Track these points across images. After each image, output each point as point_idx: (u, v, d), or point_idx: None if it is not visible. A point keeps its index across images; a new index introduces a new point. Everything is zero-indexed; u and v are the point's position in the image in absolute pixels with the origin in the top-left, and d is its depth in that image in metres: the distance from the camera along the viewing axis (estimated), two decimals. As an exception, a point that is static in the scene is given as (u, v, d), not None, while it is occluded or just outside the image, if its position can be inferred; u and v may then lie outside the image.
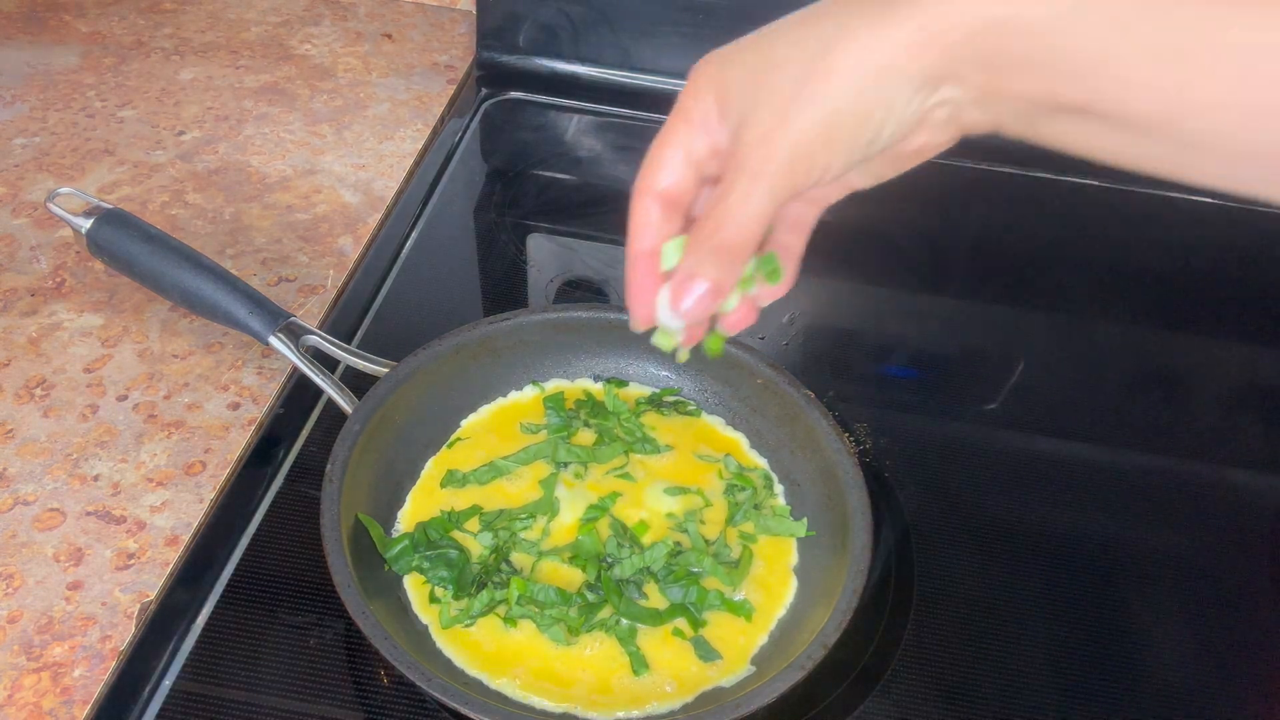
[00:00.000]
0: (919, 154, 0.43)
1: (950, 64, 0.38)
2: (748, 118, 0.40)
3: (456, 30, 1.11)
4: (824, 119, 0.39)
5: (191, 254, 0.65)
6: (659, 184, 0.43)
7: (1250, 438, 0.74)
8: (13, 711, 0.51)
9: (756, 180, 0.40)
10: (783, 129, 0.39)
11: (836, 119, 0.39)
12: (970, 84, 0.39)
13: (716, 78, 0.41)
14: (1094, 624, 0.60)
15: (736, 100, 0.41)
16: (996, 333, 0.82)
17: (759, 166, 0.40)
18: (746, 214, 0.40)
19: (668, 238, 0.44)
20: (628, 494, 0.62)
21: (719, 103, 0.41)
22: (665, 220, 0.44)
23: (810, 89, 0.38)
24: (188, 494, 0.62)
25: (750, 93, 0.40)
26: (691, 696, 0.52)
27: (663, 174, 0.43)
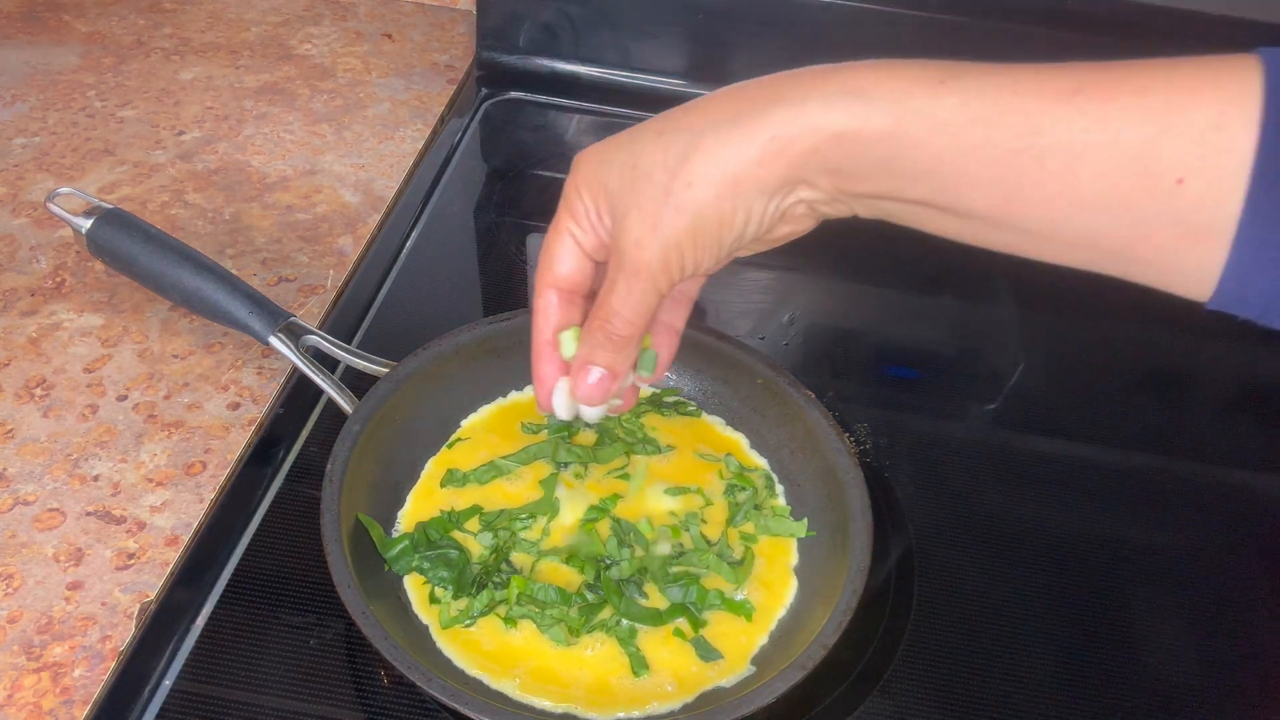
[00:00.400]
0: (785, 239, 0.47)
1: (799, 171, 0.42)
2: (623, 222, 0.44)
3: (456, 30, 1.11)
4: (688, 225, 0.43)
5: (191, 254, 0.65)
6: (555, 275, 0.48)
7: (1250, 438, 0.74)
8: (13, 711, 0.51)
9: (635, 279, 0.45)
10: (654, 235, 0.43)
11: (700, 224, 0.43)
12: (820, 186, 0.43)
13: (594, 179, 0.45)
14: (1094, 624, 0.60)
15: (612, 203, 0.45)
16: (996, 333, 0.82)
17: (635, 268, 0.44)
18: (630, 308, 0.46)
19: (567, 325, 0.49)
20: (628, 494, 0.61)
21: (597, 203, 0.46)
22: (566, 307, 0.49)
23: (674, 199, 0.42)
24: (188, 494, 0.62)
25: (623, 198, 0.44)
26: (692, 696, 0.52)
27: (558, 266, 0.48)
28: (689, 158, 0.42)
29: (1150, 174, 0.37)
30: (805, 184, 0.42)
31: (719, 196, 0.42)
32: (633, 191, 0.44)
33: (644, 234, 0.43)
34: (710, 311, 0.79)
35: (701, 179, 0.42)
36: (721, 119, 0.42)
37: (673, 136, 0.43)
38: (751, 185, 0.42)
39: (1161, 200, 0.37)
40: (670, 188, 0.42)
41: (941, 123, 0.39)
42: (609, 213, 0.45)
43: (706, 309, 0.80)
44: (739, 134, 0.41)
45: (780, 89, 0.42)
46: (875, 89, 0.40)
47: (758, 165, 0.41)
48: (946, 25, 0.91)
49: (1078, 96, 0.37)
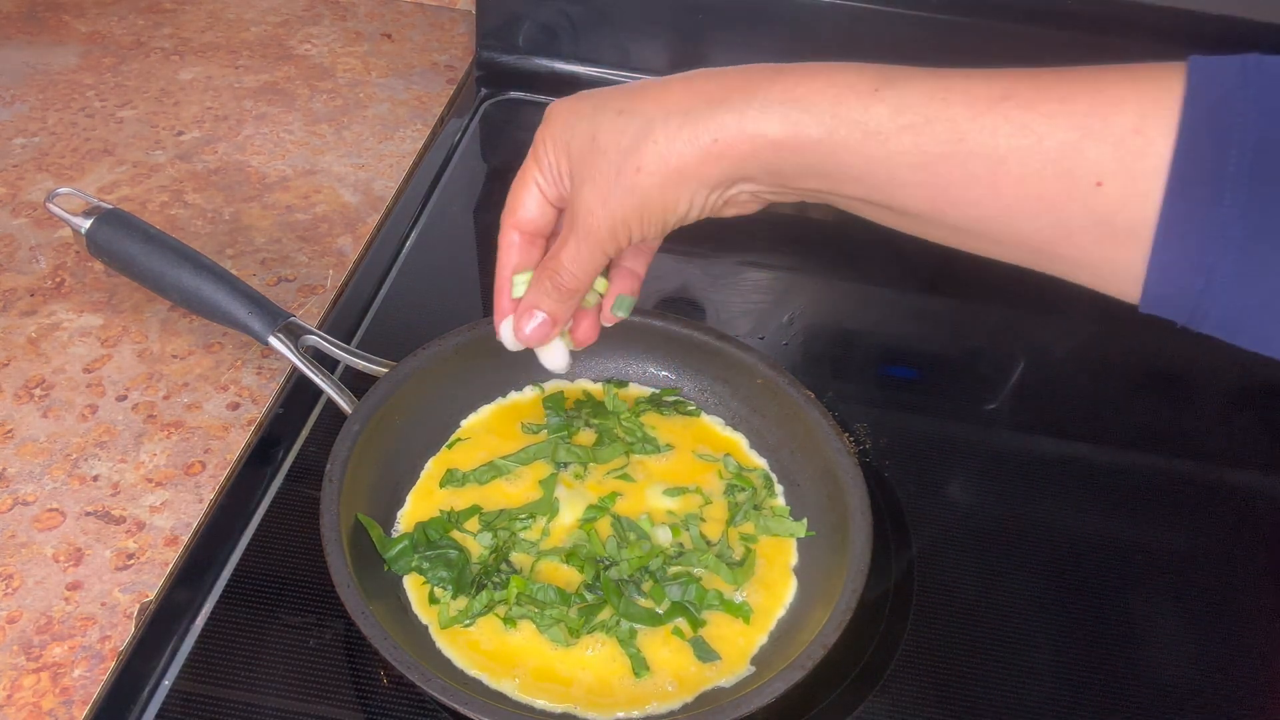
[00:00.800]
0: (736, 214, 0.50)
1: (739, 169, 0.45)
2: (579, 189, 0.48)
3: (456, 30, 1.11)
4: (635, 204, 0.47)
5: (191, 254, 0.65)
6: (518, 218, 0.52)
7: (1250, 438, 0.74)
8: (12, 712, 0.51)
9: (584, 242, 0.49)
10: (604, 207, 0.47)
11: (645, 203, 0.46)
12: (762, 181, 0.46)
13: (560, 138, 0.49)
14: (1094, 624, 0.60)
15: (572, 166, 0.49)
16: (996, 333, 0.82)
17: (586, 232, 0.48)
18: (578, 265, 0.50)
19: (527, 265, 0.53)
20: (628, 494, 0.62)
21: (559, 161, 0.49)
22: (527, 247, 0.53)
23: (624, 179, 0.46)
24: (187, 494, 0.62)
25: (581, 167, 0.48)
26: (691, 697, 0.52)
27: (521, 210, 0.52)
28: (640, 145, 0.45)
29: (1071, 177, 0.38)
30: (746, 179, 0.46)
31: (664, 184, 0.45)
32: (589, 164, 0.47)
33: (595, 204, 0.47)
34: (710, 311, 0.79)
35: (649, 167, 0.45)
36: (674, 110, 0.45)
37: (629, 119, 0.46)
38: (694, 178, 0.45)
39: (1081, 202, 0.38)
40: (622, 168, 0.46)
41: (872, 130, 0.41)
42: (569, 174, 0.49)
43: (706, 309, 0.80)
44: (687, 130, 0.44)
45: (728, 90, 0.44)
46: (811, 97, 0.43)
47: (700, 163, 0.45)
48: (946, 25, 0.91)
49: (1004, 103, 0.39)
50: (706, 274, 0.82)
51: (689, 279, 0.81)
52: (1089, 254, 0.40)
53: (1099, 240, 0.39)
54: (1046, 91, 0.39)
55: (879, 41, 0.94)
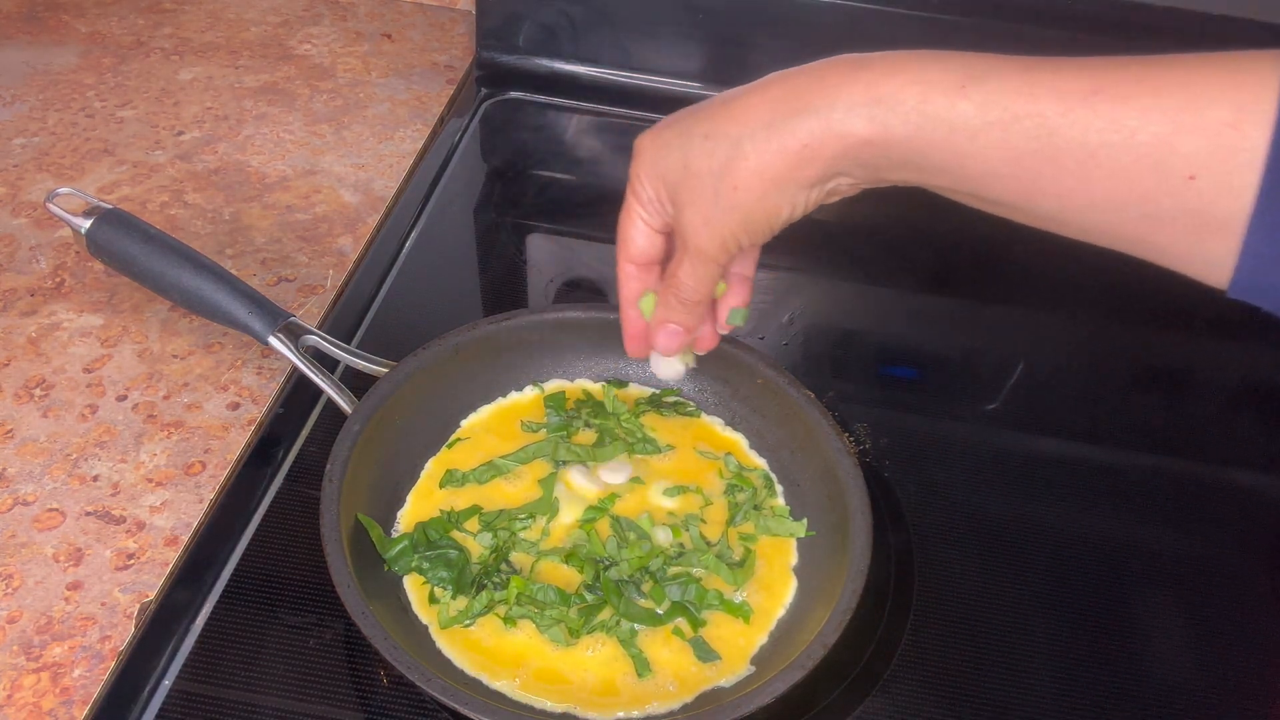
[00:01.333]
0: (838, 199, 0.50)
1: (833, 167, 0.46)
2: (682, 214, 0.50)
3: (456, 30, 1.11)
4: (739, 219, 0.49)
5: (191, 254, 0.65)
6: (630, 252, 0.55)
7: (1250, 438, 0.74)
8: (12, 712, 0.51)
9: (697, 259, 0.51)
10: (709, 227, 0.49)
11: (749, 217, 0.48)
12: (857, 175, 0.47)
13: (654, 170, 0.51)
14: (1094, 624, 0.60)
15: (671, 194, 0.51)
16: (996, 333, 0.82)
17: (697, 250, 0.51)
18: (696, 279, 0.52)
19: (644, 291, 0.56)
20: (628, 494, 0.62)
21: (658, 191, 0.51)
22: (643, 275, 0.56)
23: (724, 200, 0.48)
24: (187, 494, 0.62)
25: (679, 193, 0.50)
26: (691, 697, 0.52)
27: (631, 245, 0.54)
28: (733, 164, 0.47)
29: (1163, 171, 0.38)
30: (841, 175, 0.47)
31: (763, 195, 0.47)
32: (687, 189, 0.49)
33: (700, 225, 0.49)
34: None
35: (745, 183, 0.47)
36: (758, 125, 0.46)
37: (716, 143, 0.48)
38: (791, 183, 0.47)
39: (1173, 196, 0.38)
40: (719, 190, 0.48)
41: (959, 127, 0.42)
42: (670, 200, 0.51)
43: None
44: (775, 142, 0.46)
45: (808, 94, 0.45)
46: (896, 95, 0.43)
47: (794, 168, 0.46)
48: (946, 25, 0.91)
49: (1094, 97, 0.39)
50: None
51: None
52: (1178, 244, 0.40)
53: (1189, 231, 0.39)
54: (1138, 84, 0.39)
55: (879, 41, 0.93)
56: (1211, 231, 0.38)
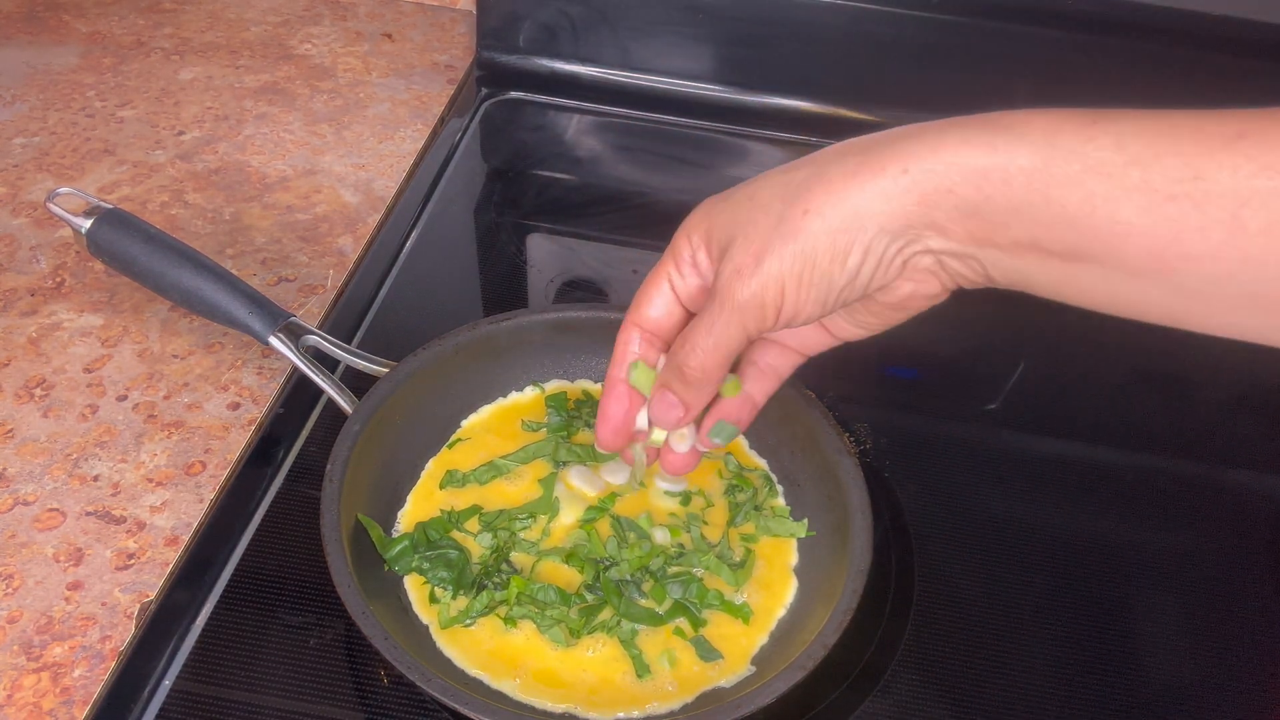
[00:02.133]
0: (906, 305, 0.44)
1: (930, 211, 0.38)
2: (727, 252, 0.41)
3: (456, 30, 1.11)
4: (796, 254, 0.40)
5: (191, 254, 0.65)
6: (641, 315, 0.46)
7: (1250, 438, 0.74)
8: (12, 712, 0.51)
9: (723, 310, 0.41)
10: (756, 264, 0.40)
11: (809, 254, 0.40)
12: (953, 233, 0.39)
13: (705, 220, 0.43)
14: (1094, 624, 0.60)
15: (721, 239, 0.42)
16: (996, 333, 0.82)
17: (727, 297, 0.41)
18: (712, 341, 0.42)
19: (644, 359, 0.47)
20: (628, 494, 0.61)
21: (704, 244, 0.43)
22: (645, 348, 0.47)
23: (787, 225, 0.39)
24: (188, 494, 0.62)
25: (733, 229, 0.41)
26: (691, 697, 0.52)
27: (648, 308, 0.46)
28: (810, 187, 0.40)
29: None
30: (935, 229, 0.39)
31: (836, 228, 0.39)
32: (746, 221, 0.41)
33: (746, 261, 0.41)
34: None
35: (820, 207, 0.39)
36: (850, 152, 0.40)
37: (796, 170, 0.41)
38: (874, 220, 0.39)
39: None
40: (785, 215, 0.40)
41: (1094, 163, 0.36)
42: (717, 253, 0.43)
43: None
44: (868, 165, 0.39)
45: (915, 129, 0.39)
46: (1021, 126, 0.38)
47: (884, 199, 0.39)
48: (946, 25, 0.91)
49: (1241, 141, 0.35)
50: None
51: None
52: None
53: None
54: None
55: (879, 42, 0.94)
56: None
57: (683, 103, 0.99)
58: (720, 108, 0.99)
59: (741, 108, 0.99)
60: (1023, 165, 0.37)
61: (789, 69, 0.97)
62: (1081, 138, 0.36)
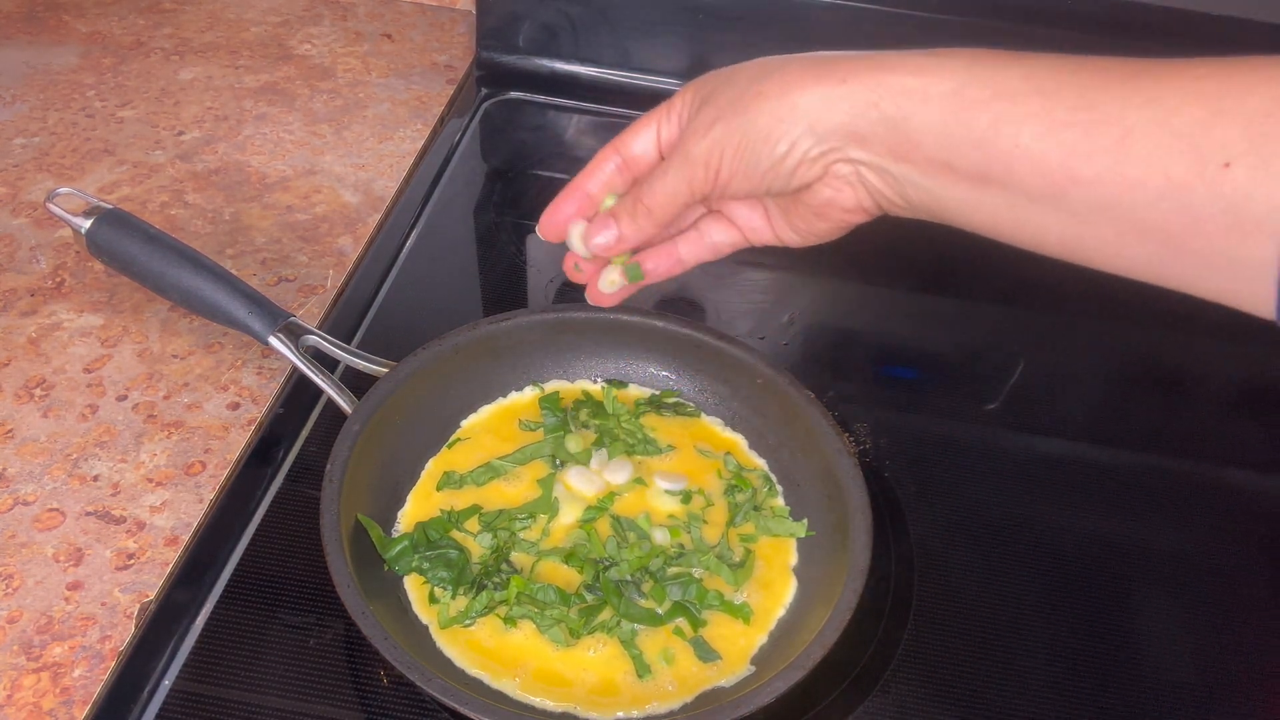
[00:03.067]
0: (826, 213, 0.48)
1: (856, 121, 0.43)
2: (695, 116, 0.48)
3: (456, 30, 1.11)
4: (738, 126, 0.45)
5: (191, 254, 0.65)
6: (624, 144, 0.51)
7: (1250, 438, 0.74)
8: (12, 712, 0.51)
9: (676, 161, 0.48)
10: (708, 128, 0.46)
11: (748, 128, 0.45)
12: (874, 145, 0.44)
13: (700, 85, 0.49)
14: (1094, 624, 0.60)
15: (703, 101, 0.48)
16: (996, 333, 0.82)
17: (682, 154, 0.47)
18: (663, 188, 0.49)
19: (611, 189, 0.52)
20: (628, 494, 0.62)
21: (691, 105, 0.49)
22: (617, 174, 0.52)
23: (741, 103, 0.45)
24: (188, 494, 0.62)
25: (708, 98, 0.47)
26: (691, 697, 0.52)
27: (630, 139, 0.51)
28: (771, 75, 0.45)
29: (1198, 155, 0.37)
30: (857, 139, 0.44)
31: (775, 115, 0.44)
32: (717, 93, 0.47)
33: (702, 124, 0.47)
34: (710, 311, 0.79)
35: (770, 92, 0.45)
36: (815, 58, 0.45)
37: (772, 60, 0.46)
38: (806, 117, 0.44)
39: (1208, 184, 0.37)
40: (745, 92, 0.45)
41: (1003, 90, 0.40)
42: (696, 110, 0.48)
43: (706, 309, 0.80)
44: (818, 69, 0.44)
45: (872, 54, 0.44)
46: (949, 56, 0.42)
47: (820, 101, 0.43)
48: (947, 25, 0.91)
49: (1135, 78, 0.38)
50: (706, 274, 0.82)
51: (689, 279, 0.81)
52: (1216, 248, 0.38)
53: (1227, 230, 0.37)
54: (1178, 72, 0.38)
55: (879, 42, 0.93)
56: (1248, 232, 0.36)
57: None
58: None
59: (741, 108, 0.99)
60: (942, 88, 0.42)
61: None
62: (995, 67, 0.41)
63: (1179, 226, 0.38)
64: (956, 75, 0.41)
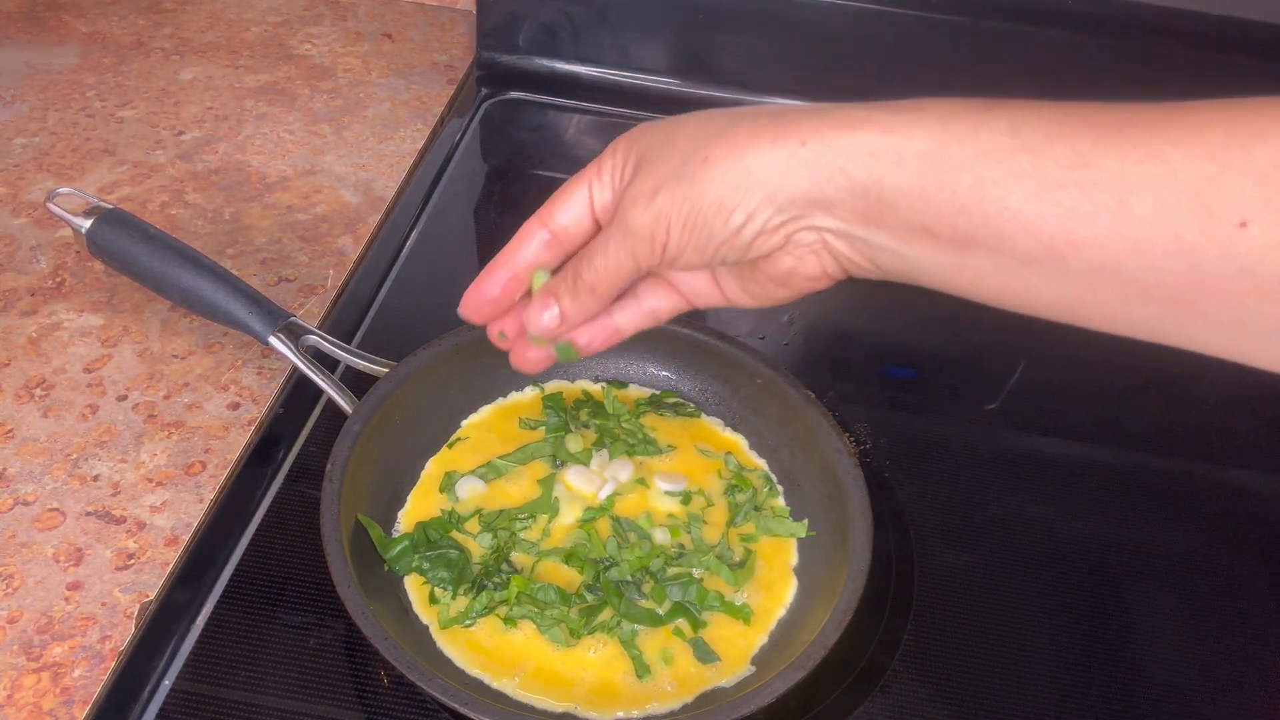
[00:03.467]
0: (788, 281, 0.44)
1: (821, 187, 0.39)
2: (634, 180, 0.43)
3: (456, 30, 1.11)
4: (686, 196, 0.41)
5: (191, 254, 0.65)
6: (552, 216, 0.46)
7: (1250, 438, 0.74)
8: (12, 712, 0.51)
9: (618, 234, 0.43)
10: (651, 198, 0.41)
11: (698, 199, 0.41)
12: (842, 212, 0.40)
13: (632, 142, 0.44)
14: (1094, 624, 0.60)
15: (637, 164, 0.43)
16: (996, 333, 0.82)
17: (623, 222, 0.43)
18: (605, 264, 0.44)
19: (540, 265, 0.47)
20: (628, 494, 0.62)
21: (625, 162, 0.44)
22: (545, 249, 0.47)
23: (687, 169, 0.41)
24: (188, 494, 0.62)
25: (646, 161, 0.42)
26: (691, 697, 0.52)
27: (559, 210, 0.46)
28: (718, 136, 0.41)
29: (1210, 213, 0.34)
30: (823, 206, 0.40)
31: (727, 184, 0.40)
32: (656, 156, 0.42)
33: (643, 193, 0.42)
34: (710, 311, 0.79)
35: (718, 157, 0.40)
36: (764, 115, 0.41)
37: (716, 118, 0.42)
38: (765, 185, 0.40)
39: (1221, 245, 0.34)
40: (689, 157, 0.41)
41: (986, 148, 0.37)
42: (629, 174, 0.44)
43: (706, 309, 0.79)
44: (772, 131, 0.40)
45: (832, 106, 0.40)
46: (919, 112, 0.39)
47: (777, 168, 0.39)
48: (946, 25, 0.91)
49: (1130, 129, 0.35)
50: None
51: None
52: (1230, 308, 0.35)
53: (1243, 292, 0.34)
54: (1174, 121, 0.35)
55: (879, 41, 0.94)
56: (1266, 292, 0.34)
57: (683, 103, 0.99)
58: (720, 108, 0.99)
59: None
60: (917, 149, 0.38)
61: (789, 69, 0.97)
62: (975, 123, 0.37)
63: (1189, 288, 0.35)
64: (932, 133, 0.38)
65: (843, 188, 0.39)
